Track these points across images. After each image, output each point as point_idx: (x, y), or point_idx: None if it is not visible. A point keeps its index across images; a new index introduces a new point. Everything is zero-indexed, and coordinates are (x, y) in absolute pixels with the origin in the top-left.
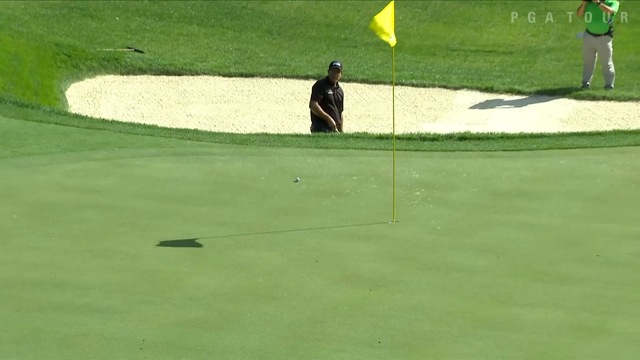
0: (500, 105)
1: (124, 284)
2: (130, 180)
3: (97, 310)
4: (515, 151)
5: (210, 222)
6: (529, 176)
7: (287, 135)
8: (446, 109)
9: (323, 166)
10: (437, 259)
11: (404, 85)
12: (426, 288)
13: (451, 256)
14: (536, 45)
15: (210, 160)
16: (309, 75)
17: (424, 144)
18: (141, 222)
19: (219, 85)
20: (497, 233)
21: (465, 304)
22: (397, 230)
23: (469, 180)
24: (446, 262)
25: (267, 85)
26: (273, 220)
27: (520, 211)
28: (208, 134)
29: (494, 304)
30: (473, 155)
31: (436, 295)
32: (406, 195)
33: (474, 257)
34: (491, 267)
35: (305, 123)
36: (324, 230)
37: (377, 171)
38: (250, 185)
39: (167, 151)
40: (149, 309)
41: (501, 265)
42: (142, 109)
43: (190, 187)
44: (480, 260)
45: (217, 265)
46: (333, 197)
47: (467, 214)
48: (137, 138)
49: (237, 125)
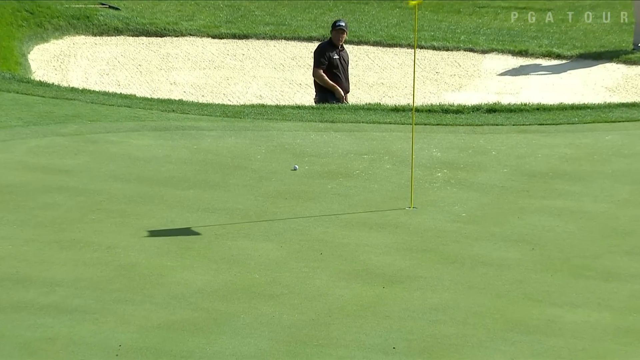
0: (536, 71)
1: (97, 280)
2: (105, 159)
3: (66, 311)
4: (554, 125)
5: (198, 208)
6: (570, 154)
7: (287, 107)
8: (473, 75)
9: (329, 143)
10: (462, 251)
11: (423, 48)
12: (449, 285)
13: (478, 248)
14: (579, 1)
15: (197, 136)
16: (313, 37)
17: (447, 117)
18: (117, 207)
19: (207, 48)
20: (531, 221)
21: (494, 303)
22: (415, 218)
23: (499, 159)
24: (472, 255)
25: (264, 49)
26: (271, 206)
27: (558, 195)
28: (195, 105)
29: (527, 304)
30: (504, 130)
31: (460, 293)
32: (426, 177)
33: (504, 248)
34: (525, 261)
35: (309, 93)
36: (330, 218)
37: (392, 149)
38: (244, 165)
39: (148, 125)
40: (127, 309)
41: (536, 258)
42: (118, 75)
43: (174, 167)
44: (512, 253)
45: (205, 258)
46: (340, 179)
47: (496, 198)
48: (112, 110)
49: (229, 95)
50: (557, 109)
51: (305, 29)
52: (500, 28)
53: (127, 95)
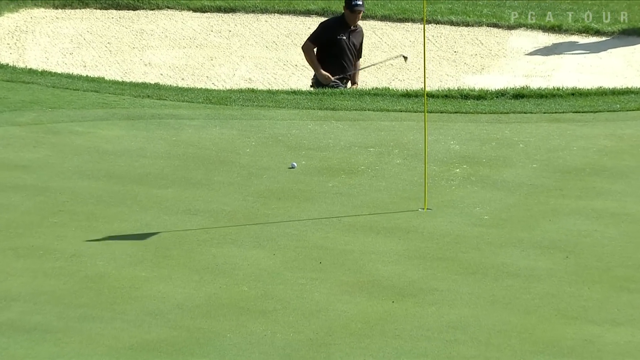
0: (572, 50)
1: (59, 294)
2: (68, 153)
3: (23, 329)
4: (591, 113)
5: (178, 210)
6: (610, 147)
7: (280, 92)
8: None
9: (329, 134)
10: (484, 260)
11: (439, 23)
12: (469, 299)
13: (503, 256)
14: None
15: (176, 126)
16: (311, 10)
17: (467, 103)
18: (83, 209)
19: (188, 23)
20: (565, 225)
21: (522, 320)
22: (429, 221)
23: (527, 152)
24: (496, 264)
25: (254, 24)
26: (262, 208)
27: (597, 195)
28: (174, 90)
29: (561, 321)
30: (533, 119)
31: (482, 309)
32: (442, 174)
33: (533, 257)
34: (557, 271)
35: (306, 75)
36: (331, 221)
37: (403, 141)
38: (231, 160)
39: (118, 113)
40: (94, 328)
41: (571, 268)
42: (84, 55)
43: (149, 162)
44: (542, 262)
45: (186, 268)
46: (343, 177)
47: (524, 198)
48: (77, 95)
49: (213, 78)
50: (596, 94)
51: (302, 2)
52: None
53: (95, 78)
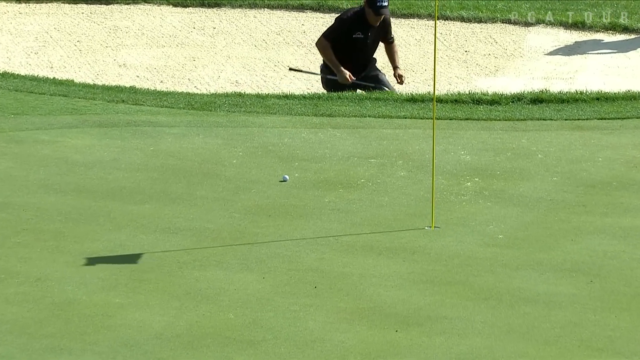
0: (597, 49)
1: (23, 322)
2: (33, 165)
3: None
4: (619, 120)
5: (156, 228)
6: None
7: (271, 97)
8: (513, 55)
9: (326, 143)
10: (498, 284)
11: (448, 19)
12: (481, 328)
13: (519, 280)
14: None
15: (155, 135)
16: (305, 5)
17: (479, 109)
18: (50, 227)
19: (167, 19)
20: (589, 245)
21: (540, 352)
22: (437, 241)
23: (546, 164)
24: (512, 289)
25: (241, 20)
26: (250, 226)
27: (625, 211)
28: (151, 94)
29: (584, 353)
30: (553, 127)
31: (497, 339)
32: (451, 188)
33: (554, 281)
34: (581, 297)
35: (299, 78)
36: (328, 241)
37: (408, 151)
38: (215, 172)
39: (90, 120)
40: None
41: (596, 293)
42: (51, 55)
43: (124, 174)
44: (563, 286)
45: (165, 293)
46: (341, 191)
47: (543, 215)
48: (42, 100)
49: (196, 81)
50: (624, 98)
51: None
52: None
53: (63, 81)
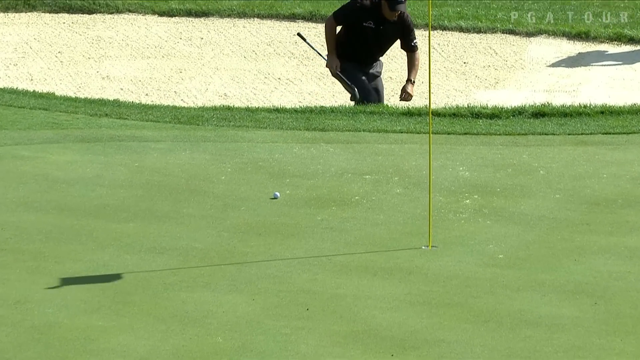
0: (601, 61)
1: (1, 347)
2: (12, 181)
3: None
4: (624, 135)
5: (141, 248)
6: None
7: (261, 110)
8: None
9: (318, 159)
10: (499, 306)
11: (446, 29)
12: (481, 352)
13: (521, 301)
14: None
15: (140, 150)
16: (297, 15)
17: (478, 123)
18: (29, 247)
19: (153, 29)
20: (594, 265)
21: None
22: (435, 261)
23: (549, 181)
24: (513, 311)
25: (230, 30)
26: (239, 245)
27: (631, 230)
28: (136, 107)
29: None
30: (556, 142)
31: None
32: (450, 206)
33: (556, 302)
34: (585, 320)
35: (290, 90)
36: (320, 261)
37: (404, 167)
38: (203, 189)
39: (72, 135)
40: None
41: (600, 316)
42: (31, 66)
43: (108, 191)
44: (567, 308)
45: (150, 316)
46: (334, 209)
47: (546, 234)
48: (22, 114)
49: (183, 93)
50: (629, 112)
51: (285, 3)
52: (552, 2)
53: (43, 94)
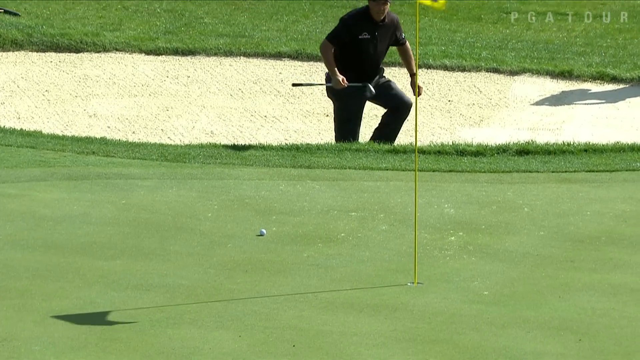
0: (584, 99)
1: None
2: (0, 219)
3: None
4: (607, 172)
5: (127, 285)
6: (629, 212)
7: (248, 148)
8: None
9: (304, 196)
10: (484, 343)
11: (432, 68)
12: None
13: (506, 338)
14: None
15: (126, 188)
16: (282, 53)
17: (463, 160)
18: (16, 285)
19: (140, 67)
20: (578, 302)
21: None
22: (420, 298)
23: (533, 218)
24: (498, 348)
25: (217, 69)
26: (226, 282)
27: (614, 267)
28: (123, 145)
29: None
30: (540, 179)
31: None
32: (435, 243)
33: (541, 339)
34: (569, 356)
35: (276, 128)
36: (306, 297)
37: (389, 204)
38: (189, 226)
39: (59, 173)
40: None
41: (585, 352)
42: (18, 105)
43: (95, 229)
44: (551, 345)
45: (137, 352)
46: (320, 245)
47: (530, 271)
48: (9, 152)
49: (169, 131)
50: (612, 150)
51: (272, 42)
52: (536, 41)
53: (31, 132)
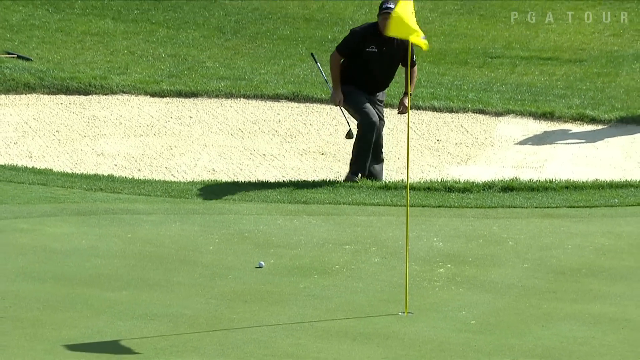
0: (565, 139)
1: None
2: (12, 253)
3: None
4: (587, 208)
5: (133, 315)
6: (608, 246)
7: (247, 184)
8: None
9: (301, 230)
10: None
11: (421, 109)
12: None
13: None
14: (619, 50)
15: (132, 222)
16: (280, 95)
17: (451, 196)
18: (28, 315)
19: (145, 109)
20: (560, 331)
21: None
22: (410, 327)
23: (517, 251)
24: None
25: (218, 110)
26: (226, 312)
27: (594, 298)
28: (129, 182)
29: None
30: (524, 214)
31: None
32: (424, 274)
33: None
34: None
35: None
36: (303, 326)
37: (381, 238)
38: (192, 259)
39: (68, 208)
40: None
41: None
42: (30, 144)
43: (102, 262)
44: None
45: None
46: (315, 277)
47: (514, 301)
48: (21, 189)
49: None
50: (592, 187)
51: (270, 84)
52: (519, 84)
53: (42, 170)
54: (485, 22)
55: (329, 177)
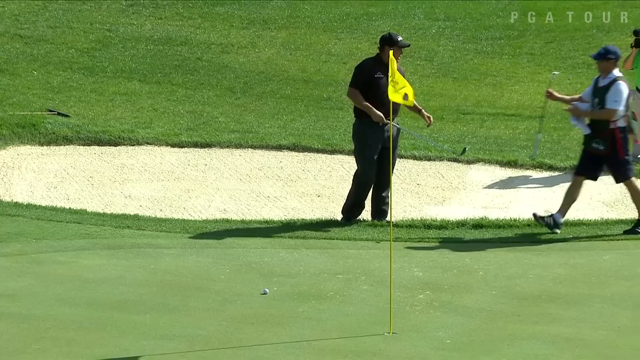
0: (527, 184)
1: None
2: (51, 282)
3: None
4: (546, 243)
5: (155, 335)
6: (564, 275)
7: (253, 222)
8: (457, 188)
9: (300, 262)
10: None
11: (403, 158)
12: None
13: None
14: None
15: (154, 255)
16: (282, 145)
17: (429, 232)
18: (64, 335)
19: (166, 158)
20: (523, 349)
21: None
22: (394, 345)
23: (486, 280)
24: None
25: (229, 158)
26: (236, 332)
27: (552, 320)
28: (152, 220)
29: None
30: (492, 248)
31: None
32: (406, 300)
33: None
34: None
35: (277, 206)
36: (301, 345)
37: (369, 268)
38: (206, 286)
39: (99, 243)
40: None
41: None
42: (67, 188)
43: (128, 289)
44: None
45: None
46: (312, 302)
47: (484, 323)
48: (60, 227)
49: (190, 209)
50: None
51: (273, 136)
52: (487, 136)
53: (77, 210)
54: (458, 83)
55: (324, 216)
